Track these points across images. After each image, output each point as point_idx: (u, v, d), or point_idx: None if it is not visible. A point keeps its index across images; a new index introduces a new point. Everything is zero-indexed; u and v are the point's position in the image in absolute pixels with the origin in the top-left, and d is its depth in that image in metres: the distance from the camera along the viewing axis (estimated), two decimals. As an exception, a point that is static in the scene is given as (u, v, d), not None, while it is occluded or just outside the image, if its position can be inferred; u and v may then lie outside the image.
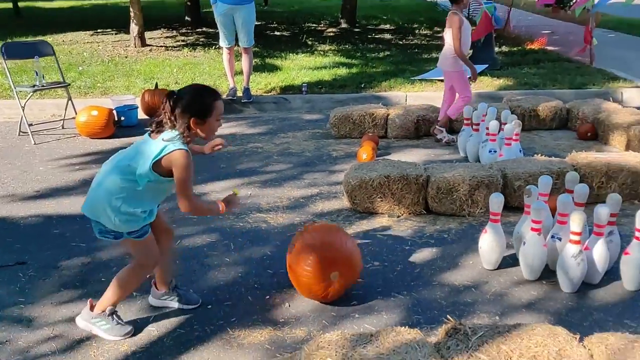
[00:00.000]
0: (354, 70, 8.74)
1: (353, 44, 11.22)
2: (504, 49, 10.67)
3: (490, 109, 5.25)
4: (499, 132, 5.05)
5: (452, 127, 6.18)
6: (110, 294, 2.91)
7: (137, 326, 2.98)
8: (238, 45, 7.26)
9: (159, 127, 2.77)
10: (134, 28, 10.84)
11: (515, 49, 10.75)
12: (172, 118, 2.72)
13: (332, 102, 7.20)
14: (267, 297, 3.25)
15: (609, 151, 5.06)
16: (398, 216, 4.25)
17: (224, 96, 7.25)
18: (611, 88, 7.75)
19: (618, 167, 4.37)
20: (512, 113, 5.76)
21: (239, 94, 7.28)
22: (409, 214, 4.27)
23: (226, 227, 4.08)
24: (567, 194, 3.53)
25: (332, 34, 12.65)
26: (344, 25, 13.36)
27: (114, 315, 2.92)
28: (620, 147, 5.46)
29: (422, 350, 2.42)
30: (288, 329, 2.98)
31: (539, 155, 4.74)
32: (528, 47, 10.78)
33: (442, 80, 7.88)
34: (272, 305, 3.18)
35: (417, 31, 13.23)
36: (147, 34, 11.55)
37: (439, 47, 10.66)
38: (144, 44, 10.99)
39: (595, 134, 5.90)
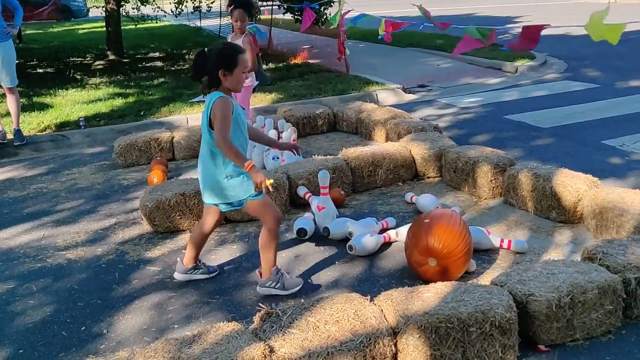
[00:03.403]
0: (130, 99, 8.69)
1: (124, 74, 11.09)
2: (271, 65, 11.34)
3: (267, 120, 5.71)
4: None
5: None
6: (265, 259, 3.40)
7: None
8: (0, 87, 6.86)
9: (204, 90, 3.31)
10: None
11: (280, 64, 11.47)
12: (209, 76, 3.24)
13: (113, 133, 7.11)
14: (83, 328, 3.27)
15: (372, 144, 5.79)
16: (199, 230, 4.46)
17: (-7, 141, 6.80)
18: (367, 91, 8.77)
19: (381, 156, 5.08)
20: (287, 122, 6.29)
21: (10, 136, 6.86)
22: (209, 226, 4.49)
23: (24, 272, 3.93)
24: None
25: (100, 66, 12.32)
26: (112, 57, 13.08)
27: (280, 273, 3.44)
28: (381, 140, 6.26)
29: (242, 337, 2.69)
30: (111, 353, 3.03)
31: (316, 156, 5.27)
32: (292, 62, 11.58)
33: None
34: (90, 335, 3.21)
35: (186, 56, 13.44)
36: None
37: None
38: None
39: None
